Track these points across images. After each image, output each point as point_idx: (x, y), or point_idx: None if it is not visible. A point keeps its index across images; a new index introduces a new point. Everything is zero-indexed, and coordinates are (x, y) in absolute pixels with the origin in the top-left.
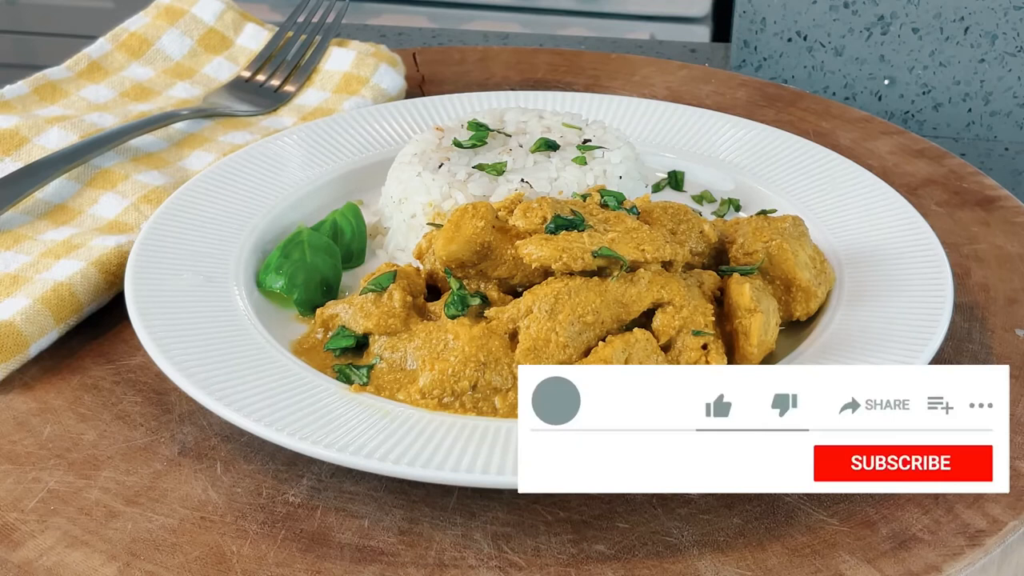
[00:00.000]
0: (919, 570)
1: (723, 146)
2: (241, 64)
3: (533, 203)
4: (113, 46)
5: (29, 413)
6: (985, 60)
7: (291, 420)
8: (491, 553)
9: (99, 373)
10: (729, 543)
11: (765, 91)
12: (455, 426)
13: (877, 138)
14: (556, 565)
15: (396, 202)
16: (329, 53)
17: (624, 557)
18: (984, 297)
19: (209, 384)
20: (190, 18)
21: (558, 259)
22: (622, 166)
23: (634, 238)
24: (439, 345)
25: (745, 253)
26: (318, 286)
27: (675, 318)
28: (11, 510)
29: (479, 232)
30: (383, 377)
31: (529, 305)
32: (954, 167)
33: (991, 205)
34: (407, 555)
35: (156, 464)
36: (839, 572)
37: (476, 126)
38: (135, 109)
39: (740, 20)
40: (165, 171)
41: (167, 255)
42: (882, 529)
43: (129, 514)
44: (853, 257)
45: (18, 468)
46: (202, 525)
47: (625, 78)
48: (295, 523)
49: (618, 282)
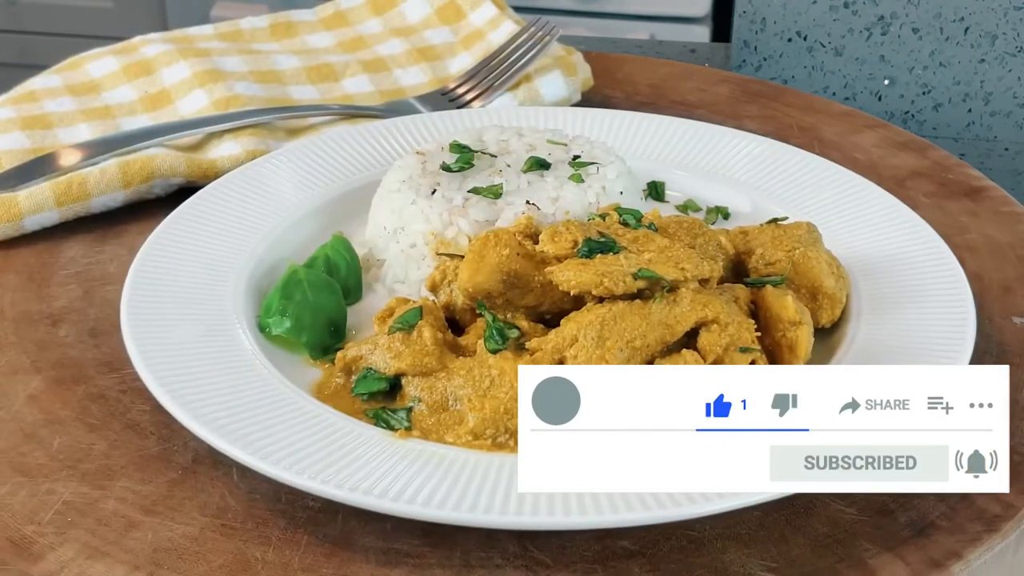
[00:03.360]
0: (940, 556)
1: (704, 154)
2: (459, 37)
3: (560, 227)
4: (364, 0)
5: (36, 424)
6: (985, 60)
7: (350, 475)
8: (516, 552)
9: (104, 383)
10: (751, 535)
11: (747, 87)
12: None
13: (861, 132)
14: (582, 562)
15: (391, 232)
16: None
17: (649, 552)
18: (979, 286)
19: (253, 444)
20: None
21: (598, 284)
22: (619, 181)
23: (670, 257)
24: (484, 382)
25: (767, 263)
26: (325, 326)
27: (721, 336)
28: (27, 523)
29: (504, 261)
30: (425, 420)
31: (574, 334)
32: (938, 159)
33: (978, 195)
34: (432, 557)
35: (171, 472)
36: (862, 561)
37: (459, 148)
38: (332, 61)
39: (740, 20)
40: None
41: (162, 305)
42: (900, 517)
43: (148, 523)
44: (855, 262)
45: (30, 480)
46: (223, 532)
47: (607, 76)
48: (317, 528)
49: (661, 303)
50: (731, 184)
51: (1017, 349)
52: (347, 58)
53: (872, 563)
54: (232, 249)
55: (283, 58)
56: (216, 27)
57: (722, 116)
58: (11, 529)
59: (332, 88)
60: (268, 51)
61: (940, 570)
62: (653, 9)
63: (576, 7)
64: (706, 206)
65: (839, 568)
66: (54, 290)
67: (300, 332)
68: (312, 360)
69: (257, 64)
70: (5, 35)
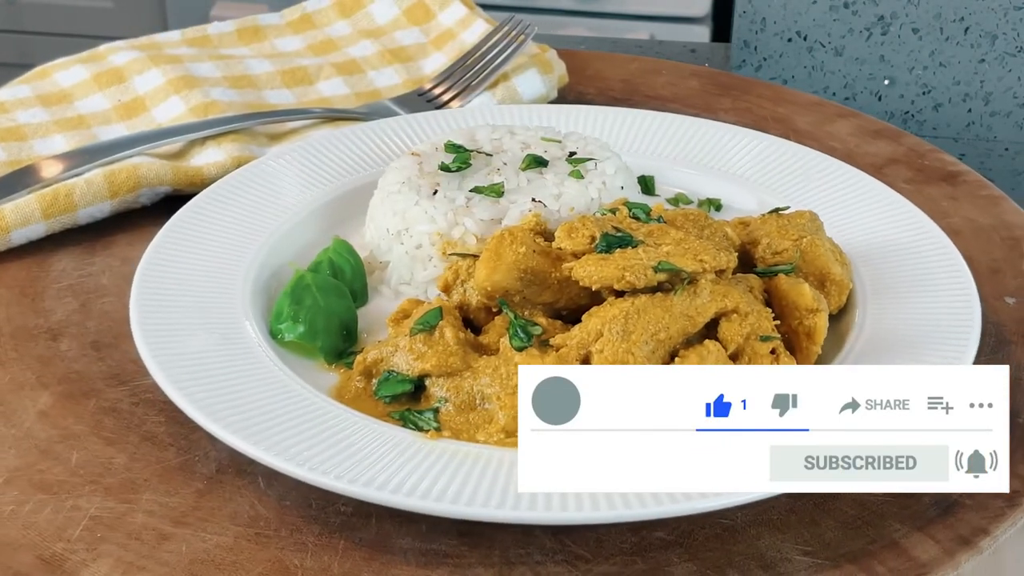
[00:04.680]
0: (968, 533)
1: (689, 147)
2: (429, 37)
3: (575, 223)
4: (331, 2)
5: (51, 441)
6: (985, 60)
7: (389, 477)
8: (554, 547)
9: (114, 396)
10: (783, 520)
11: (717, 80)
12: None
13: (834, 121)
14: (621, 555)
15: (394, 234)
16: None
17: (685, 542)
18: (968, 269)
19: (289, 451)
20: None
21: (620, 278)
22: (619, 176)
23: (688, 249)
24: (512, 380)
25: (774, 252)
26: (338, 330)
27: (742, 325)
28: (56, 540)
29: (521, 258)
30: (452, 420)
31: (598, 328)
32: (912, 145)
33: (955, 180)
34: (472, 556)
35: (196, 483)
36: (894, 541)
37: (455, 148)
38: (305, 64)
39: (740, 20)
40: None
41: (169, 315)
42: (925, 497)
43: (181, 535)
44: (851, 250)
45: (54, 497)
46: (258, 541)
47: (578, 73)
48: (352, 532)
49: (682, 295)
50: (719, 176)
51: (1013, 328)
52: (319, 61)
53: (904, 543)
54: (233, 256)
55: (255, 62)
56: (183, 33)
57: (697, 109)
58: (40, 547)
59: (308, 91)
60: (239, 56)
61: (969, 547)
62: (653, 9)
63: (576, 7)
64: (697, 198)
65: (872, 549)
66: (49, 304)
67: (314, 337)
68: (327, 365)
69: (230, 69)
70: (5, 35)
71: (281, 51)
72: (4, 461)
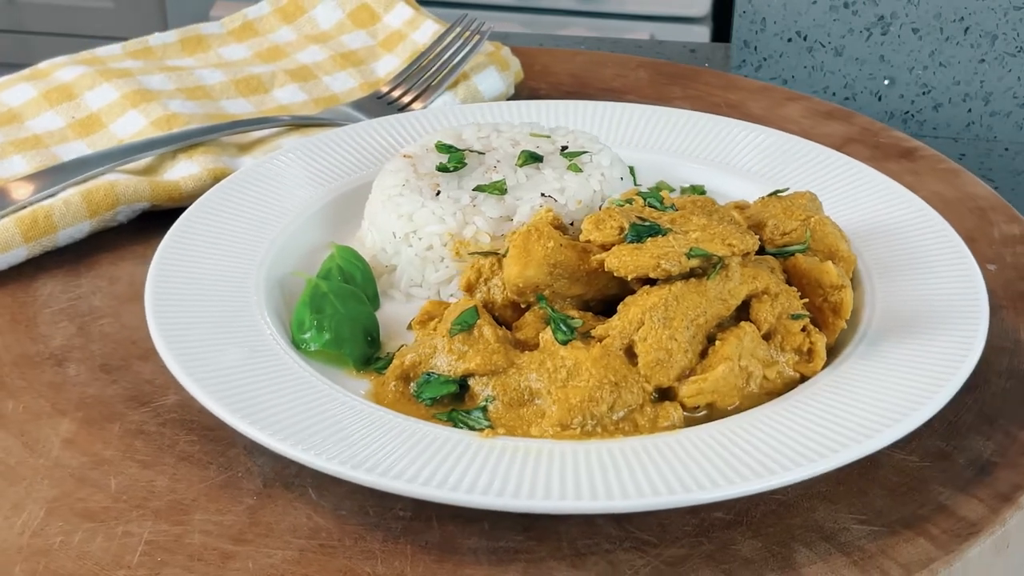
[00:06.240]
0: (1008, 490)
1: (663, 135)
2: (378, 40)
3: (602, 214)
4: (272, 9)
5: (84, 468)
6: (985, 60)
7: (459, 478)
8: (620, 535)
9: (139, 418)
10: (833, 492)
11: (663, 70)
12: (612, 451)
13: (785, 105)
14: (686, 537)
15: (401, 237)
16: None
17: (745, 520)
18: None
19: (352, 459)
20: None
21: (656, 267)
22: (615, 168)
23: (715, 234)
24: (560, 373)
25: (782, 233)
26: (363, 336)
27: (773, 306)
28: (116, 568)
29: (551, 253)
30: (503, 417)
31: (639, 317)
32: (864, 124)
33: (913, 155)
34: (541, 550)
35: (246, 500)
36: (941, 504)
37: (447, 148)
38: (257, 72)
39: (740, 20)
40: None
41: (189, 331)
42: (959, 459)
43: (244, 553)
44: (846, 230)
45: (102, 525)
46: (324, 552)
47: (526, 69)
48: (417, 536)
49: (716, 280)
50: (697, 161)
51: (1000, 293)
52: (271, 68)
53: (950, 504)
54: (240, 270)
55: (206, 72)
56: (124, 46)
57: (651, 99)
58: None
59: (264, 100)
60: (188, 67)
61: (1010, 503)
62: (653, 9)
63: (576, 7)
64: (680, 186)
65: (923, 512)
66: (45, 329)
67: (341, 344)
68: (355, 371)
69: (182, 81)
70: (5, 35)
71: (227, 60)
72: (40, 492)
